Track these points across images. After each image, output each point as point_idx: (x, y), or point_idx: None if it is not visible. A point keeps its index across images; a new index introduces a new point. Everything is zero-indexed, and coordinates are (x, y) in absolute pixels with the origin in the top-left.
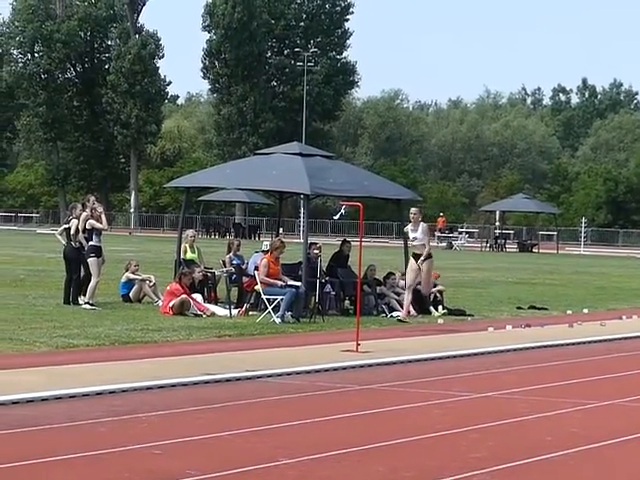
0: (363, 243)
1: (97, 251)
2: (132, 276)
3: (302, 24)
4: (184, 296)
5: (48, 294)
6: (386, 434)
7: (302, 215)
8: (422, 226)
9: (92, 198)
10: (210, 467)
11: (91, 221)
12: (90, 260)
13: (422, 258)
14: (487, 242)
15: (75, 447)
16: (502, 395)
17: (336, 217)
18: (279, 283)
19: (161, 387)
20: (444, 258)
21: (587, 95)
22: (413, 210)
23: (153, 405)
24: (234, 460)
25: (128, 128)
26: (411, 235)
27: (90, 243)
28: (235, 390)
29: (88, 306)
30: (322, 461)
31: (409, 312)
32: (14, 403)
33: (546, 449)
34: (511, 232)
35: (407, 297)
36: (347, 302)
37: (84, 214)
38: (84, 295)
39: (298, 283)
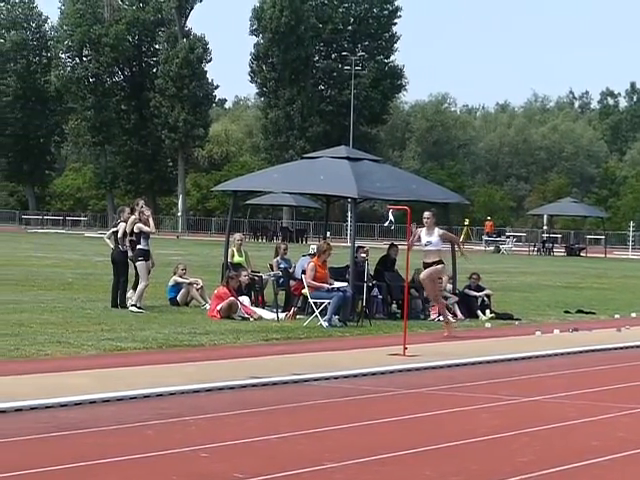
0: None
1: (145, 255)
2: (180, 279)
3: (350, 28)
4: (232, 299)
5: (96, 297)
6: (433, 438)
7: (349, 219)
8: (437, 231)
9: (141, 202)
10: (257, 470)
11: (139, 224)
12: (138, 264)
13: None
14: (534, 246)
15: (123, 450)
16: (550, 399)
17: (386, 224)
18: (326, 286)
19: (208, 390)
20: (491, 262)
21: (635, 99)
22: (427, 214)
23: (200, 408)
24: (281, 463)
25: (176, 132)
26: (424, 239)
27: (138, 247)
28: (282, 393)
29: (135, 309)
30: (368, 465)
31: (455, 316)
32: (62, 406)
33: (593, 453)
34: (558, 236)
35: (442, 310)
36: (394, 306)
37: (132, 217)
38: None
39: (344, 284)
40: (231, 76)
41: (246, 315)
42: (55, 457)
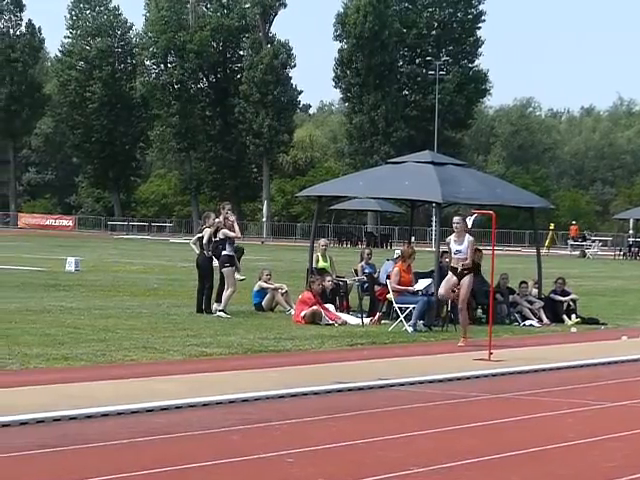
0: (495, 251)
1: (231, 260)
2: (265, 285)
3: (434, 33)
4: (315, 307)
5: (181, 303)
6: (519, 443)
7: (434, 223)
8: (468, 239)
9: (227, 206)
10: (341, 475)
11: (224, 230)
12: (225, 270)
13: (464, 268)
14: (620, 250)
15: (209, 455)
16: (637, 404)
17: (469, 225)
18: (410, 289)
19: (293, 395)
20: (577, 266)
21: None
22: (456, 219)
23: (285, 413)
24: (366, 468)
25: (260, 138)
26: (454, 247)
27: (223, 253)
28: (367, 399)
29: (223, 314)
30: (454, 470)
31: (541, 320)
32: (148, 411)
33: None
34: None
35: (462, 319)
36: (479, 311)
37: (216, 220)
38: (217, 302)
39: (429, 280)
40: (315, 82)
41: (331, 321)
42: (141, 462)
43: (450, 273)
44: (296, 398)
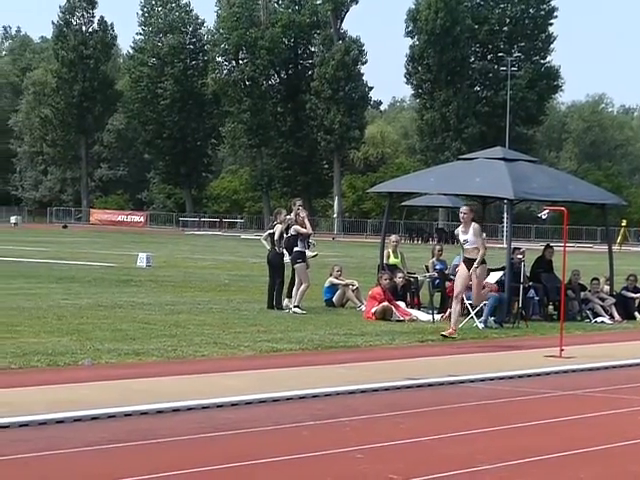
0: (567, 248)
1: (303, 256)
2: (335, 281)
3: (505, 29)
4: (386, 303)
5: (252, 299)
6: (589, 440)
7: (505, 220)
8: (474, 227)
9: (298, 202)
10: (411, 471)
11: (296, 227)
12: (297, 266)
13: (475, 265)
14: None
15: (278, 450)
16: None
17: (544, 217)
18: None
19: (363, 391)
20: None
21: None
22: (463, 209)
23: (355, 409)
24: (434, 465)
25: (331, 134)
26: (462, 237)
27: (295, 249)
28: (437, 395)
29: (298, 310)
30: (521, 467)
31: (613, 317)
32: (219, 406)
33: None
34: None
35: (455, 308)
36: (551, 307)
37: (287, 217)
38: (288, 298)
39: (500, 273)
40: (387, 78)
41: (401, 318)
42: (211, 457)
43: (462, 265)
44: (366, 394)
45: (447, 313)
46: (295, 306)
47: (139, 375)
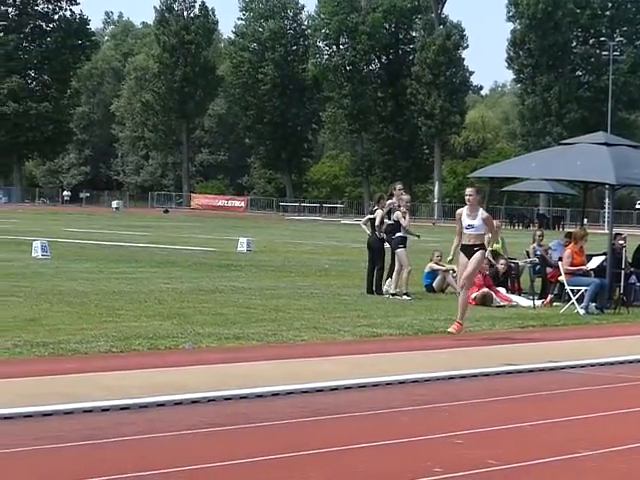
0: None
1: (404, 242)
2: (435, 266)
3: (608, 13)
4: (486, 289)
5: (352, 284)
6: None
7: (607, 206)
8: (481, 212)
9: (398, 186)
10: (510, 457)
11: (398, 213)
12: (398, 251)
13: (488, 248)
14: None
15: (377, 435)
16: None
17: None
18: (583, 268)
19: (462, 377)
20: None
21: None
22: (469, 190)
23: (454, 395)
24: (534, 451)
25: (432, 119)
26: (466, 222)
27: (397, 234)
28: (537, 381)
29: (406, 297)
30: (621, 454)
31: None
32: (318, 391)
33: None
34: None
35: (462, 299)
36: None
37: (389, 202)
38: (387, 283)
39: (601, 257)
40: (488, 62)
41: (502, 303)
42: (311, 442)
43: (461, 256)
44: (465, 379)
45: (548, 299)
46: (404, 294)
47: (239, 359)
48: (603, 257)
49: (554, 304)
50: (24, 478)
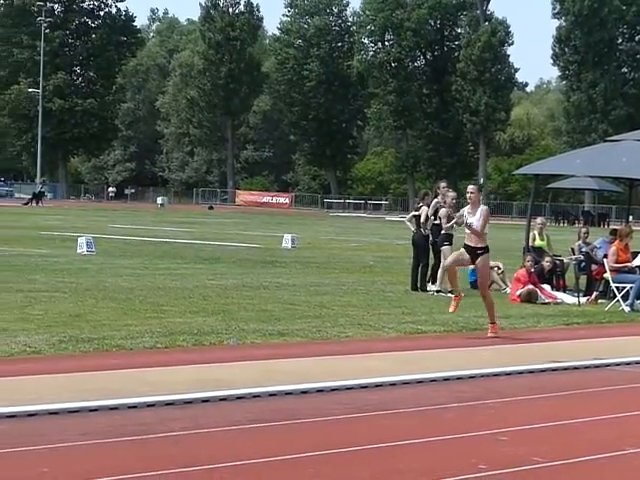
0: None
1: (450, 239)
2: None
3: None
4: (531, 286)
5: (396, 280)
6: None
7: None
8: (482, 209)
9: (442, 184)
10: (556, 455)
11: (443, 211)
12: (443, 248)
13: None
14: None
15: (421, 432)
16: None
17: None
18: (628, 265)
19: (508, 374)
20: None
21: None
22: (470, 188)
23: (499, 392)
24: (579, 448)
25: (477, 115)
26: (468, 220)
27: (442, 231)
28: (582, 378)
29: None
30: None
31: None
32: (363, 387)
33: None
34: None
35: (486, 303)
36: None
37: (434, 201)
38: (432, 283)
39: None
40: (533, 59)
41: (547, 300)
42: (355, 438)
43: (462, 249)
44: (511, 377)
45: (593, 296)
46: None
47: (284, 355)
48: None
49: (599, 301)
50: (71, 474)
